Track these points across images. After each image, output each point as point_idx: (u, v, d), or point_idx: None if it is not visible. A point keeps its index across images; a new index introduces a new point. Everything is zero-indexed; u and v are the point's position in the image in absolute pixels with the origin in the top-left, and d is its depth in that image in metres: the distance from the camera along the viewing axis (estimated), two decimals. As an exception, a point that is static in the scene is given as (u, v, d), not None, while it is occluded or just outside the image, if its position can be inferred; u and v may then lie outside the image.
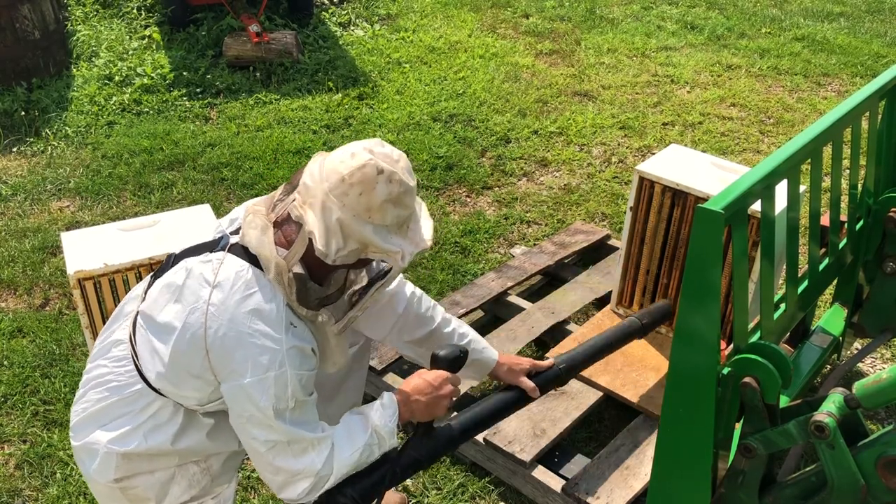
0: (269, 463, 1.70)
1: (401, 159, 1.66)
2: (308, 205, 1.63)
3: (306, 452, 1.69)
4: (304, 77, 5.45)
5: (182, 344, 1.67)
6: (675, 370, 1.69)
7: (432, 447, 1.86)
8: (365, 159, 1.61)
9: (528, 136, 4.81)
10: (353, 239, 1.62)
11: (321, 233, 1.60)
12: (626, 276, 2.97)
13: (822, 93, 5.51)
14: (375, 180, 1.60)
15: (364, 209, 1.60)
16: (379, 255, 1.66)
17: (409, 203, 1.67)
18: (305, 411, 1.71)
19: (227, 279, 1.65)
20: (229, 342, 1.62)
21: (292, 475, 1.70)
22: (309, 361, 1.71)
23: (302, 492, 1.71)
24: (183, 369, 1.69)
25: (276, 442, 1.67)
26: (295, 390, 1.65)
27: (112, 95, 5.11)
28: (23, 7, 4.94)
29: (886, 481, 1.63)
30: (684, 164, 2.83)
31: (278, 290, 1.66)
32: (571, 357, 2.17)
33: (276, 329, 1.64)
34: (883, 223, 2.50)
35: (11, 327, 3.21)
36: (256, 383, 1.62)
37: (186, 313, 1.66)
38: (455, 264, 3.63)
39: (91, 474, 1.82)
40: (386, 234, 1.64)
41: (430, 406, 1.82)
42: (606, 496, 2.33)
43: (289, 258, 1.66)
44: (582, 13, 6.82)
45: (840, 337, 2.78)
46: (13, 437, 2.74)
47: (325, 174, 1.63)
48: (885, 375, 1.58)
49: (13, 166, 4.44)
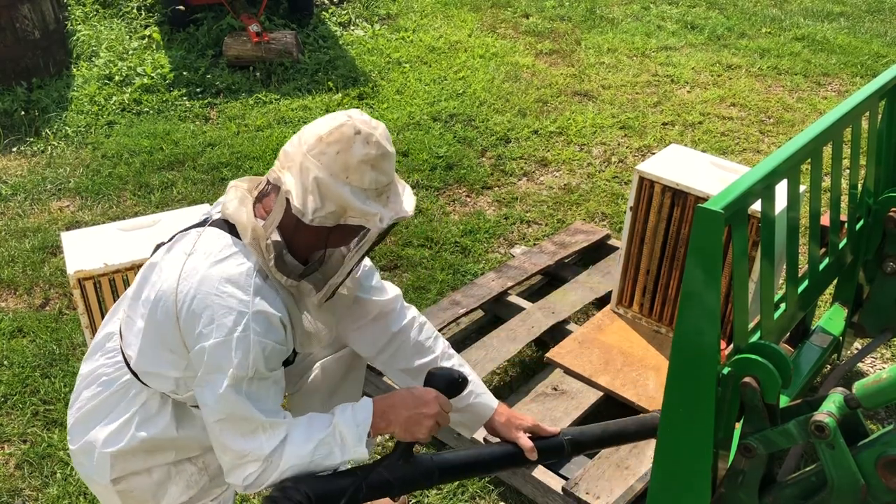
0: (217, 438, 1.65)
1: (379, 127, 1.66)
2: (286, 168, 1.64)
3: (256, 434, 1.63)
4: (304, 77, 5.45)
5: (157, 313, 1.66)
6: (675, 370, 1.69)
7: (408, 473, 1.70)
8: (343, 120, 1.63)
9: (528, 135, 4.81)
10: (331, 200, 1.60)
11: (298, 191, 1.60)
12: (626, 275, 2.97)
13: (822, 93, 5.51)
14: (353, 139, 1.60)
15: (341, 168, 1.60)
16: (357, 219, 1.63)
17: (388, 170, 1.66)
18: (264, 389, 1.65)
19: (200, 246, 1.66)
20: (197, 304, 1.60)
21: (239, 456, 1.63)
22: (276, 332, 1.65)
23: (248, 476, 1.64)
24: (159, 343, 1.68)
25: (226, 414, 1.62)
26: (256, 359, 1.60)
27: (112, 95, 5.11)
28: (23, 7, 4.94)
29: (886, 481, 1.63)
30: (684, 164, 2.83)
31: (254, 255, 1.65)
32: (581, 433, 1.95)
33: (244, 291, 1.61)
34: (883, 223, 2.50)
35: (11, 327, 3.21)
36: (219, 345, 1.58)
37: (164, 280, 1.66)
38: (455, 264, 3.63)
39: (90, 475, 1.82)
40: (364, 198, 1.62)
41: (412, 423, 1.70)
42: (606, 496, 2.33)
43: (267, 224, 1.66)
44: (582, 13, 6.82)
45: (840, 337, 2.78)
46: (13, 436, 2.74)
47: (304, 138, 1.64)
48: (885, 375, 1.58)
49: (13, 166, 4.44)
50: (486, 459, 1.85)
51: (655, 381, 2.72)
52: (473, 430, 2.00)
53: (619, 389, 2.70)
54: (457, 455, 1.83)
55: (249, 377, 1.60)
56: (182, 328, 1.64)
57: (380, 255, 3.68)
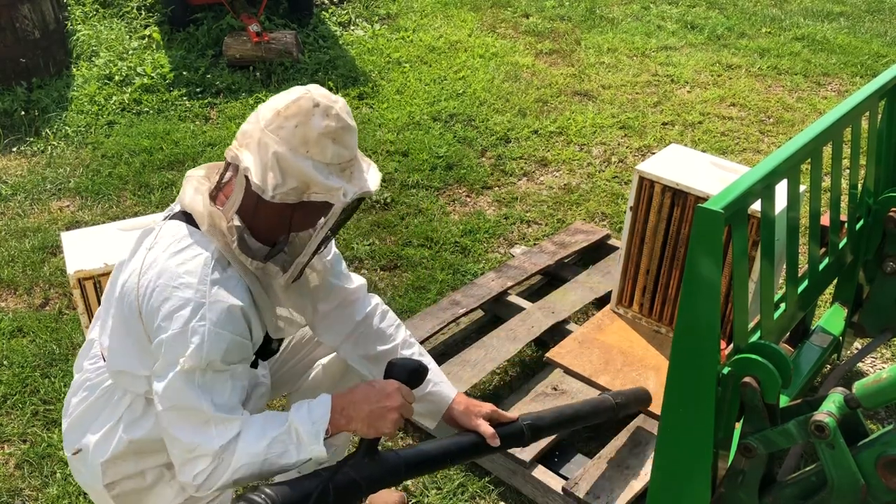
0: (166, 429, 1.60)
1: (339, 100, 1.62)
2: (244, 146, 1.60)
3: (207, 427, 1.57)
4: (304, 77, 5.45)
5: (123, 309, 1.66)
6: (675, 370, 1.69)
7: (375, 471, 1.64)
8: (301, 93, 1.59)
9: (528, 135, 4.81)
10: (292, 176, 1.56)
11: (257, 168, 1.55)
12: (626, 275, 2.97)
13: (822, 93, 5.51)
14: (311, 112, 1.56)
15: (301, 142, 1.56)
16: (320, 195, 1.58)
17: (350, 144, 1.61)
18: (220, 382, 1.59)
19: (159, 240, 1.65)
20: (156, 297, 1.58)
21: (188, 450, 1.58)
22: (234, 323, 1.59)
23: (199, 474, 1.58)
24: (127, 339, 1.67)
25: (175, 403, 1.57)
26: (211, 350, 1.55)
27: (112, 95, 5.11)
28: (23, 7, 4.93)
29: (886, 481, 1.63)
30: (684, 164, 2.83)
31: (213, 243, 1.62)
32: (538, 418, 1.97)
33: (201, 280, 1.58)
34: (883, 223, 2.50)
35: (11, 327, 3.21)
36: (176, 336, 1.55)
37: (125, 279, 1.66)
38: (455, 264, 3.63)
39: (86, 482, 1.84)
40: (327, 173, 1.58)
41: (374, 417, 1.63)
42: (606, 496, 2.33)
43: (227, 208, 1.62)
44: (582, 13, 6.82)
45: (840, 337, 2.78)
46: (13, 436, 2.74)
47: (261, 114, 1.60)
48: (885, 375, 1.58)
49: (13, 166, 4.44)
50: (452, 450, 1.80)
51: (655, 381, 2.72)
52: (434, 420, 1.94)
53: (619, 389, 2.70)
54: (422, 448, 1.76)
55: (202, 368, 1.56)
56: (144, 322, 1.62)
57: (380, 255, 3.68)
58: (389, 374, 1.70)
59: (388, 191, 4.18)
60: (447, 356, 2.97)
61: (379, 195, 4.13)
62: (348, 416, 1.64)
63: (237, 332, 1.61)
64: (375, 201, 4.09)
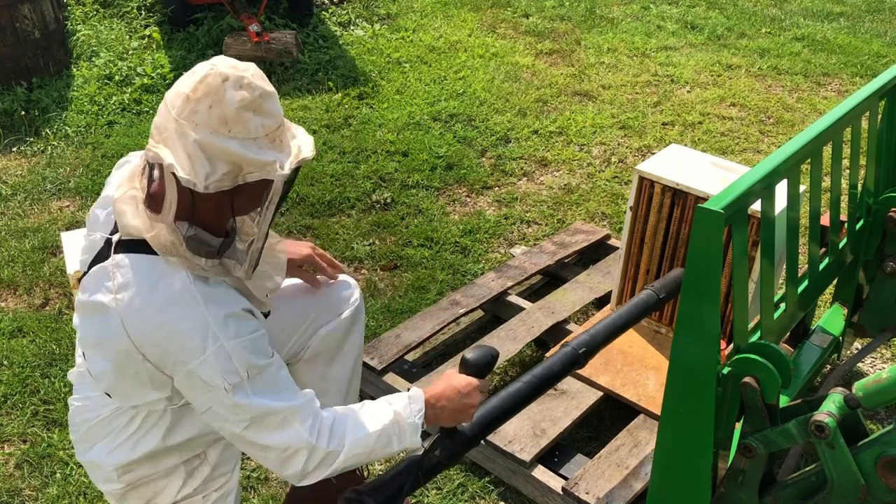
0: (252, 443, 1.61)
1: (250, 67, 1.51)
2: (160, 142, 1.47)
3: (288, 423, 1.58)
4: (304, 77, 5.45)
5: (120, 360, 1.60)
6: (676, 370, 1.69)
7: (456, 448, 1.78)
8: (206, 71, 1.47)
9: (528, 135, 4.81)
10: (220, 160, 1.45)
11: (182, 162, 1.44)
12: (626, 275, 2.97)
13: (822, 93, 5.51)
14: (222, 88, 1.44)
15: (219, 122, 1.44)
16: (256, 173, 1.48)
17: (273, 112, 1.50)
18: (270, 379, 1.59)
19: (125, 281, 1.54)
20: (158, 338, 1.53)
21: (283, 450, 1.60)
22: (246, 325, 1.57)
23: (305, 464, 1.61)
24: (135, 381, 1.64)
25: (248, 420, 1.57)
26: (241, 359, 1.53)
27: (112, 95, 5.11)
28: (23, 7, 4.93)
29: (886, 481, 1.63)
30: (684, 164, 2.83)
31: (178, 265, 1.53)
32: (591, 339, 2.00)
33: (193, 307, 1.51)
34: (883, 223, 2.50)
35: (11, 327, 3.21)
36: (201, 366, 1.52)
37: (106, 329, 1.58)
38: (455, 264, 3.63)
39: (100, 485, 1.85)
40: (256, 148, 1.47)
41: (457, 414, 1.73)
42: (606, 496, 2.33)
43: (164, 215, 1.51)
44: (582, 13, 6.82)
45: (840, 337, 2.78)
46: (13, 436, 2.74)
47: (170, 104, 1.47)
48: (885, 375, 1.58)
49: (13, 166, 4.44)
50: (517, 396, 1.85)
51: (655, 381, 2.72)
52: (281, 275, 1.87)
53: (619, 389, 2.70)
54: (494, 404, 1.82)
55: (247, 378, 1.55)
56: (154, 363, 1.58)
57: (380, 255, 3.68)
58: (465, 370, 1.77)
59: (388, 191, 4.18)
60: (447, 356, 2.97)
61: (379, 195, 4.13)
62: (436, 414, 1.72)
63: (251, 331, 1.58)
64: (375, 201, 4.09)
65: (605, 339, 2.05)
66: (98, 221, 1.70)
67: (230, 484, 1.93)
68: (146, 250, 1.55)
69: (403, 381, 2.74)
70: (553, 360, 1.94)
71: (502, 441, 2.50)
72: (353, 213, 4.02)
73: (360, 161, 4.46)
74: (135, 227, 1.54)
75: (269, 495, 2.51)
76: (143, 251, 1.55)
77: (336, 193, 4.14)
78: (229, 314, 1.55)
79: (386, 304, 3.35)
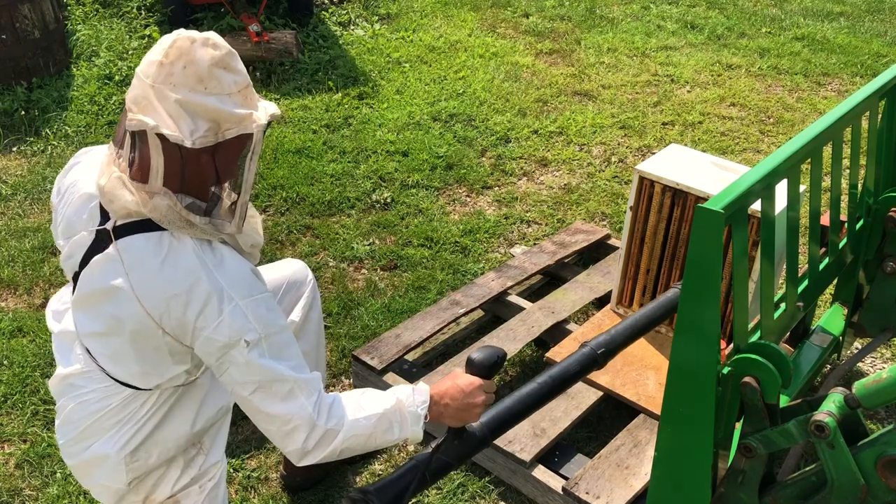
0: (257, 410, 1.65)
1: (211, 33, 1.60)
2: (140, 111, 1.55)
3: (294, 395, 1.63)
4: (304, 77, 5.45)
5: (139, 338, 1.66)
6: (676, 369, 1.69)
7: (463, 450, 1.77)
8: (173, 38, 1.56)
9: (528, 135, 4.81)
10: (201, 117, 1.54)
11: (166, 121, 1.52)
12: (626, 275, 2.97)
13: (822, 92, 5.51)
14: (192, 48, 1.54)
15: (196, 80, 1.53)
16: (234, 128, 1.57)
17: (239, 68, 1.60)
18: (284, 344, 1.65)
19: (134, 260, 1.61)
20: (175, 309, 1.60)
21: (285, 421, 1.64)
22: (257, 285, 1.65)
23: (305, 441, 1.64)
24: (156, 358, 1.68)
25: (257, 382, 1.62)
26: (258, 315, 1.61)
27: (112, 95, 5.11)
28: (23, 7, 4.93)
29: (886, 481, 1.63)
30: (684, 164, 2.83)
31: (181, 234, 1.60)
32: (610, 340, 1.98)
33: (204, 273, 1.59)
34: (883, 223, 2.50)
35: (11, 327, 3.21)
36: (218, 328, 1.59)
37: (121, 311, 1.63)
38: (455, 264, 3.63)
39: (101, 482, 1.83)
40: (231, 104, 1.56)
41: (461, 413, 1.74)
42: (606, 496, 2.33)
43: (152, 182, 1.56)
44: (582, 13, 6.82)
45: (840, 337, 2.78)
46: (13, 436, 2.74)
47: (144, 73, 1.56)
48: (885, 375, 1.58)
49: (13, 166, 4.44)
50: (527, 399, 1.83)
51: (655, 381, 2.72)
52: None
53: (619, 389, 2.70)
54: (499, 408, 1.81)
55: (261, 339, 1.61)
56: (173, 333, 1.64)
57: (380, 255, 3.68)
58: (471, 369, 1.77)
59: (388, 191, 4.18)
60: (447, 356, 2.97)
61: (379, 195, 4.13)
62: (439, 412, 1.74)
63: (262, 291, 1.65)
64: (375, 201, 4.09)
65: (626, 339, 2.02)
66: (80, 220, 1.72)
67: (221, 472, 1.98)
68: (148, 229, 1.61)
69: (403, 381, 2.74)
70: (570, 360, 1.91)
71: (502, 441, 2.50)
72: (353, 213, 4.02)
73: (360, 161, 4.46)
74: (133, 203, 1.59)
75: (269, 495, 2.51)
76: (145, 230, 1.61)
77: (336, 193, 4.14)
78: (240, 275, 1.63)
79: (386, 304, 3.35)
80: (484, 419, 1.80)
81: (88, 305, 1.71)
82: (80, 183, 1.77)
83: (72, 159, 1.88)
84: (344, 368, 3.01)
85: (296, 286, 2.29)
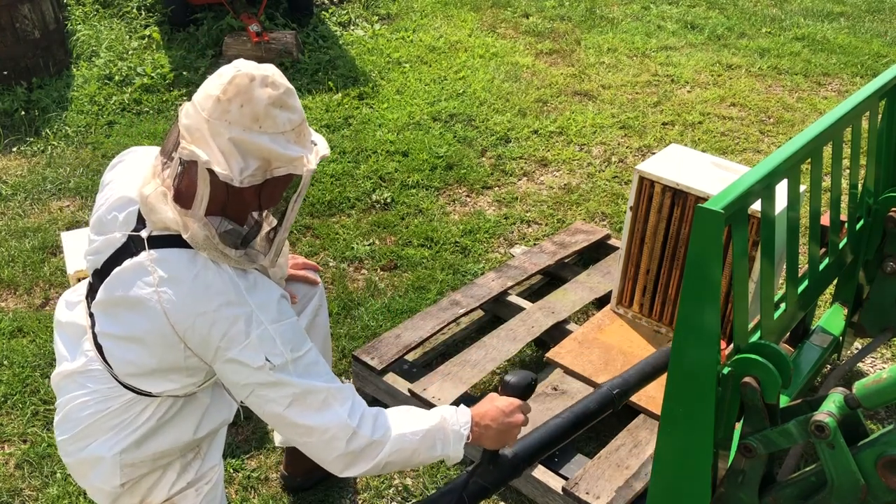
0: (294, 424, 1.65)
1: (269, 67, 1.61)
2: (193, 141, 1.56)
3: (328, 405, 1.64)
4: (304, 77, 5.45)
5: (159, 351, 1.66)
6: (675, 370, 1.69)
7: (499, 475, 1.80)
8: (232, 73, 1.57)
9: (528, 135, 4.81)
10: (253, 155, 1.56)
11: (218, 158, 1.54)
12: (626, 275, 2.97)
13: (822, 93, 5.51)
14: (250, 87, 1.55)
15: (251, 119, 1.55)
16: (284, 167, 1.59)
17: (295, 105, 1.62)
18: (310, 362, 1.67)
19: (167, 275, 1.61)
20: (200, 327, 1.60)
21: (323, 431, 1.65)
22: (284, 310, 1.67)
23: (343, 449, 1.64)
24: (171, 368, 1.69)
25: (291, 396, 1.63)
26: (286, 340, 1.62)
27: (112, 95, 5.11)
28: (23, 7, 4.93)
29: (886, 481, 1.63)
30: (684, 164, 2.82)
31: (217, 258, 1.61)
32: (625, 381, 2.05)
33: (237, 295, 1.61)
34: (883, 223, 2.50)
35: (11, 327, 3.21)
36: (244, 350, 1.60)
37: (146, 323, 1.63)
38: (455, 264, 3.63)
39: (95, 483, 1.82)
40: (284, 143, 1.58)
41: (501, 434, 1.77)
42: (606, 496, 2.33)
43: (195, 210, 1.59)
44: (582, 13, 6.82)
45: (840, 337, 2.78)
46: (13, 436, 2.74)
47: (199, 106, 1.57)
48: (885, 375, 1.58)
49: (13, 166, 4.44)
50: (558, 431, 1.89)
51: (655, 381, 2.71)
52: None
53: (619, 389, 2.70)
54: (533, 438, 1.86)
55: (291, 360, 1.62)
56: (195, 350, 1.65)
57: (380, 255, 3.68)
58: (506, 391, 1.81)
59: (388, 191, 4.18)
60: (447, 356, 2.97)
61: (379, 195, 4.13)
62: (481, 433, 1.76)
63: (290, 316, 1.67)
64: (375, 201, 4.09)
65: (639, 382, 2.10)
66: (117, 222, 1.72)
67: (218, 475, 1.97)
68: (182, 244, 1.62)
69: (403, 381, 2.74)
70: (590, 398, 1.99)
71: (502, 441, 2.50)
72: (353, 213, 4.01)
73: (360, 161, 4.46)
74: (172, 221, 1.60)
75: (269, 495, 2.51)
76: (180, 245, 1.62)
77: (336, 193, 4.14)
78: (270, 299, 1.64)
79: (386, 304, 3.35)
80: (516, 448, 1.84)
81: (113, 310, 1.70)
82: (118, 183, 1.78)
83: (119, 156, 1.89)
84: (344, 368, 3.01)
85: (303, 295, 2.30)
